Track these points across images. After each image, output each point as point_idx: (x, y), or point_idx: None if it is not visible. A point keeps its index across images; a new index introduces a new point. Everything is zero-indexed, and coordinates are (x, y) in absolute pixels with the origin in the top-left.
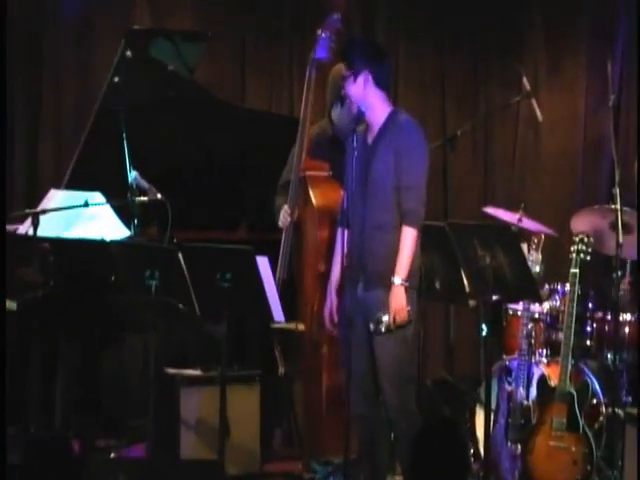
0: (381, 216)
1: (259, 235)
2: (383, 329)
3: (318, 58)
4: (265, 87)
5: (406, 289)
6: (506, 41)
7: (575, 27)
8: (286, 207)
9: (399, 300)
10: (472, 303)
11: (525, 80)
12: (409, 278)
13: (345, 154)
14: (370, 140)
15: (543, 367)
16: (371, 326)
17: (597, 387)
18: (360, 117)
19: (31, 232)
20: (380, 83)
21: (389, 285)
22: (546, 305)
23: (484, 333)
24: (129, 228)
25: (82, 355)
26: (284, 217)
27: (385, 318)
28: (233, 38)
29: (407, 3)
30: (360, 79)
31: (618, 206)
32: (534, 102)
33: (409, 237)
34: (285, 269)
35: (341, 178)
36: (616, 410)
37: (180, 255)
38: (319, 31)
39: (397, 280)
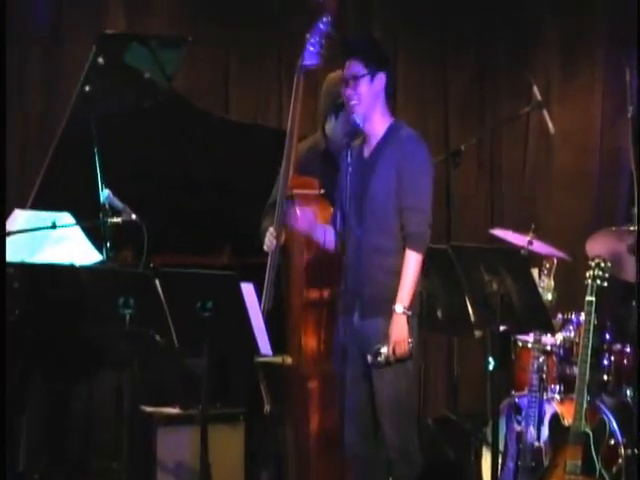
0: (380, 239)
1: (244, 260)
2: (382, 362)
3: (306, 65)
4: (251, 96)
5: (408, 318)
6: (515, 46)
7: (591, 31)
8: (272, 229)
9: (400, 330)
10: (478, 334)
11: (535, 89)
12: (411, 306)
13: (339, 170)
14: (367, 154)
15: (556, 405)
16: (369, 358)
17: (615, 426)
18: (356, 130)
19: None
20: (389, 89)
21: (389, 313)
22: (559, 336)
23: (491, 367)
24: (101, 252)
25: (49, 391)
26: (270, 240)
27: (384, 350)
28: (215, 42)
29: (405, 4)
30: (377, 80)
31: (638, 227)
32: (545, 113)
33: (413, 262)
34: (271, 297)
35: (333, 197)
36: (636, 451)
37: (157, 281)
38: (307, 35)
39: (399, 308)
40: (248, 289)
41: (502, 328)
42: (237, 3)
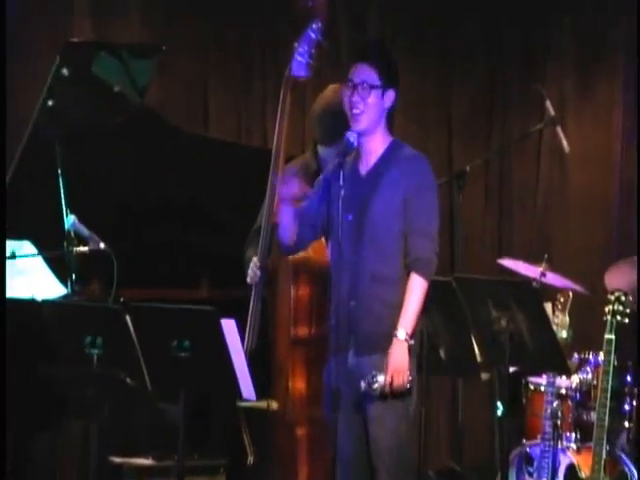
0: (381, 267)
1: (224, 293)
2: (377, 391)
3: (295, 77)
4: (232, 112)
5: (410, 347)
6: (526, 56)
7: (609, 41)
8: (256, 259)
9: (400, 358)
10: (485, 376)
11: (549, 104)
12: (414, 335)
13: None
14: (364, 171)
15: (572, 454)
16: (362, 385)
17: (637, 479)
18: (349, 148)
19: None
20: (393, 109)
21: (388, 350)
22: (575, 378)
23: (499, 413)
24: (65, 285)
25: (6, 441)
26: (254, 271)
27: (380, 378)
28: (193, 51)
29: (402, 11)
30: (388, 96)
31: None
32: (560, 131)
33: (418, 287)
34: (255, 335)
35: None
36: None
37: (128, 318)
38: (296, 44)
39: (401, 334)
40: (229, 326)
41: (512, 369)
42: (217, 7)
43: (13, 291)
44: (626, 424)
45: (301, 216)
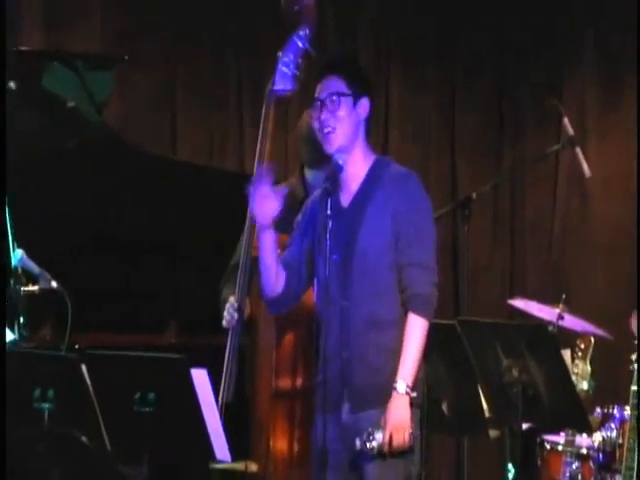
0: (375, 308)
1: (195, 339)
2: (374, 450)
3: (278, 91)
4: (204, 131)
5: (411, 400)
6: (540, 69)
7: (635, 53)
8: (232, 299)
9: (401, 414)
10: (494, 434)
11: (567, 122)
12: (415, 386)
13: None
14: (346, 202)
15: None
16: (357, 443)
17: None
18: (338, 172)
19: None
20: (370, 121)
21: (387, 403)
22: (597, 436)
23: (511, 475)
24: (12, 329)
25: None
26: (230, 314)
27: (378, 436)
28: (159, 62)
29: (399, 16)
30: (361, 105)
31: None
32: (579, 152)
33: (418, 329)
34: (231, 387)
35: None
36: None
37: (84, 367)
38: (280, 53)
39: (401, 387)
40: (200, 377)
41: (525, 426)
42: (185, 10)
43: None
44: None
45: (285, 265)
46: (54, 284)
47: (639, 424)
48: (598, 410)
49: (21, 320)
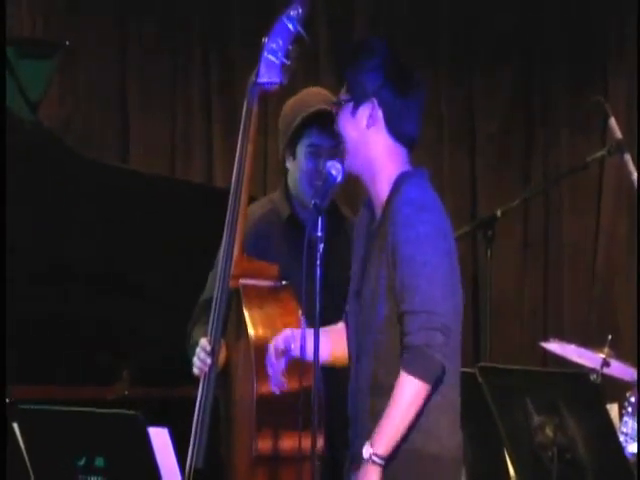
0: (375, 368)
1: (154, 392)
2: None
3: (263, 84)
4: (162, 135)
5: (382, 470)
6: (579, 57)
7: None
8: (205, 342)
9: None
10: None
11: (613, 122)
12: (391, 455)
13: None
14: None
15: None
16: None
17: None
18: (330, 184)
19: None
20: (396, 126)
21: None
22: None
23: None
24: None
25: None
26: (201, 359)
27: None
28: (108, 51)
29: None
30: (362, 111)
31: None
32: (629, 160)
33: (405, 389)
34: (202, 450)
35: (301, 290)
36: None
37: (16, 425)
38: (265, 38)
39: (366, 452)
40: (161, 437)
41: None
42: None
43: None
44: None
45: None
46: None
47: None
48: None
49: None
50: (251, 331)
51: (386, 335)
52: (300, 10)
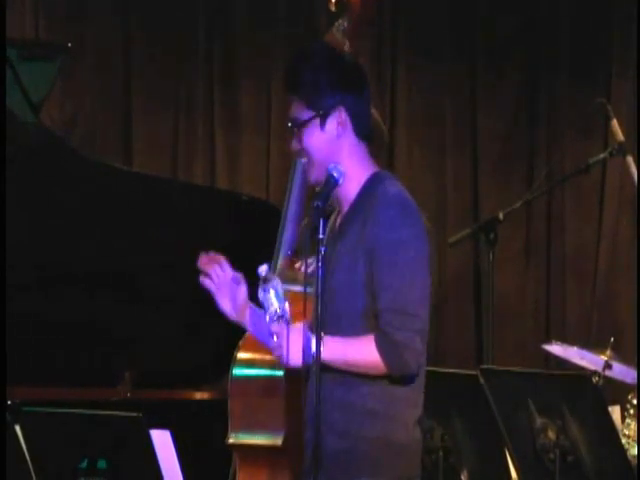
0: None
1: (156, 394)
2: None
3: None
4: (166, 136)
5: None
6: (583, 63)
7: None
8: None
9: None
10: None
11: (616, 125)
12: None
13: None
14: (337, 224)
15: None
16: None
17: None
18: (331, 186)
19: None
20: (361, 125)
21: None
22: None
23: None
24: None
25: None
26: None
27: None
28: (111, 53)
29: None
30: (332, 121)
31: None
32: (631, 161)
33: (370, 362)
34: None
35: None
36: None
37: (18, 427)
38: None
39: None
40: (163, 439)
41: None
42: None
43: None
44: None
45: None
46: None
47: None
48: None
49: None
50: None
51: (359, 329)
52: (348, 23)
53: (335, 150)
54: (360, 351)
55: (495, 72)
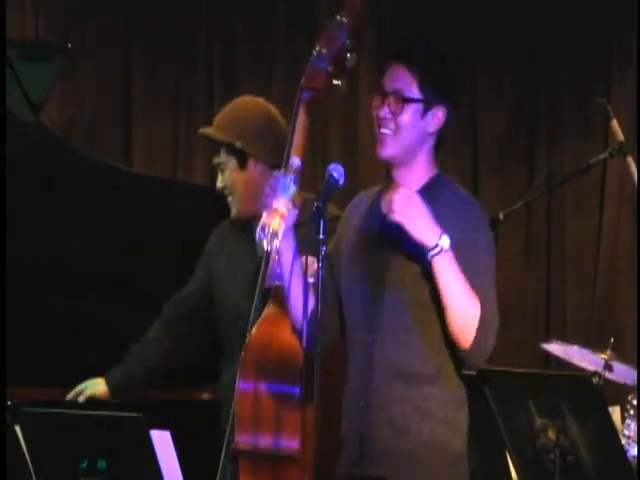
0: (401, 352)
1: (156, 394)
2: None
3: (316, 89)
4: (166, 136)
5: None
6: (583, 63)
7: None
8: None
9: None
10: None
11: (616, 125)
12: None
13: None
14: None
15: None
16: None
17: None
18: (331, 187)
19: None
20: (444, 134)
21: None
22: None
23: None
24: None
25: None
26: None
27: None
28: (111, 52)
29: (405, 7)
30: (433, 116)
31: None
32: (632, 163)
33: (474, 311)
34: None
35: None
36: None
37: (17, 428)
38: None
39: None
40: (163, 440)
41: None
42: None
43: None
44: None
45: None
46: None
47: None
48: None
49: None
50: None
51: (420, 320)
52: (349, 20)
53: (419, 143)
54: (473, 297)
55: (495, 72)
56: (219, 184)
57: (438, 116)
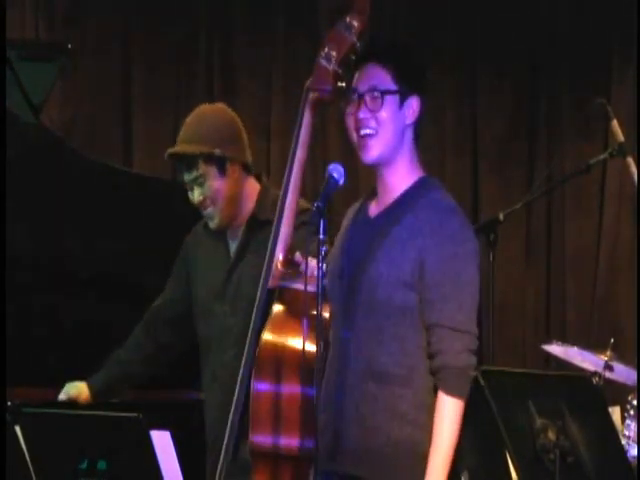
0: (373, 351)
1: (155, 394)
2: None
3: (322, 90)
4: (167, 137)
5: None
6: (583, 64)
7: None
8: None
9: None
10: None
11: (616, 126)
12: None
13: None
14: (374, 213)
15: None
16: None
17: None
18: (331, 187)
19: None
20: (420, 127)
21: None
22: None
23: None
24: None
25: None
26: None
27: None
28: (111, 53)
29: (405, 7)
30: (409, 106)
31: None
32: (632, 163)
33: (450, 413)
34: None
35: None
36: None
37: (17, 428)
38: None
39: None
40: (163, 440)
41: None
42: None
43: None
44: None
45: None
46: None
47: None
48: None
49: None
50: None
51: (395, 323)
52: (357, 21)
53: (399, 138)
54: (445, 430)
55: (495, 72)
56: (198, 197)
57: (413, 106)
